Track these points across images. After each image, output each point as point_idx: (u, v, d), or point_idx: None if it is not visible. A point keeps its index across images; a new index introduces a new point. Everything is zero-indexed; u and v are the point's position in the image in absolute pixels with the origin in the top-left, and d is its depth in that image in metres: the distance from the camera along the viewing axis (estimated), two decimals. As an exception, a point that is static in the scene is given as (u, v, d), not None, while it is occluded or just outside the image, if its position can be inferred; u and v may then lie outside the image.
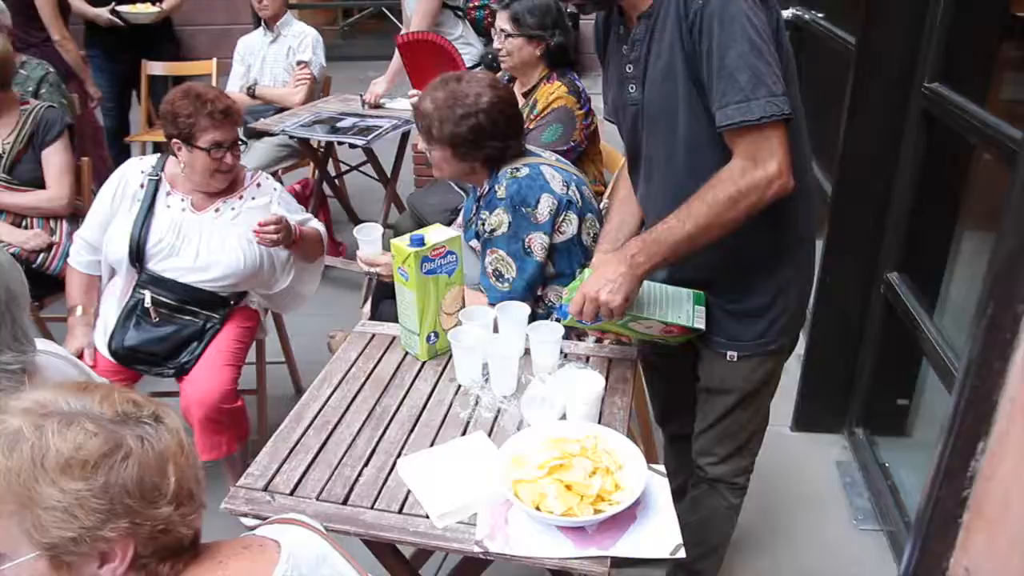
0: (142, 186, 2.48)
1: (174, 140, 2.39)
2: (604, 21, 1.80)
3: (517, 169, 2.08)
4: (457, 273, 1.88)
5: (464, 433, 1.68)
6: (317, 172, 4.10)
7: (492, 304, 2.03)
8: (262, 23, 4.29)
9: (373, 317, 2.65)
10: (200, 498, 1.01)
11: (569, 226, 2.09)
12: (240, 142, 2.48)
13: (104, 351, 2.43)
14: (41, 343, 1.46)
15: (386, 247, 2.11)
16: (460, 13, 3.71)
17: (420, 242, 1.80)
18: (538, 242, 2.05)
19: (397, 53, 3.99)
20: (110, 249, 2.44)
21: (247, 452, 2.45)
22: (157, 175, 2.49)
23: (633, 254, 1.60)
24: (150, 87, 4.82)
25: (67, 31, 4.49)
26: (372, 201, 4.55)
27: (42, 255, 2.93)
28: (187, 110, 2.34)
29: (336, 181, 4.33)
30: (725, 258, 1.68)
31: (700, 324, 1.73)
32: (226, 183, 2.48)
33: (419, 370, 1.90)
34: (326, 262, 3.84)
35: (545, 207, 2.04)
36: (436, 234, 1.85)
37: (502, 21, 2.89)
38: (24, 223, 2.97)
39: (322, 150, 4.04)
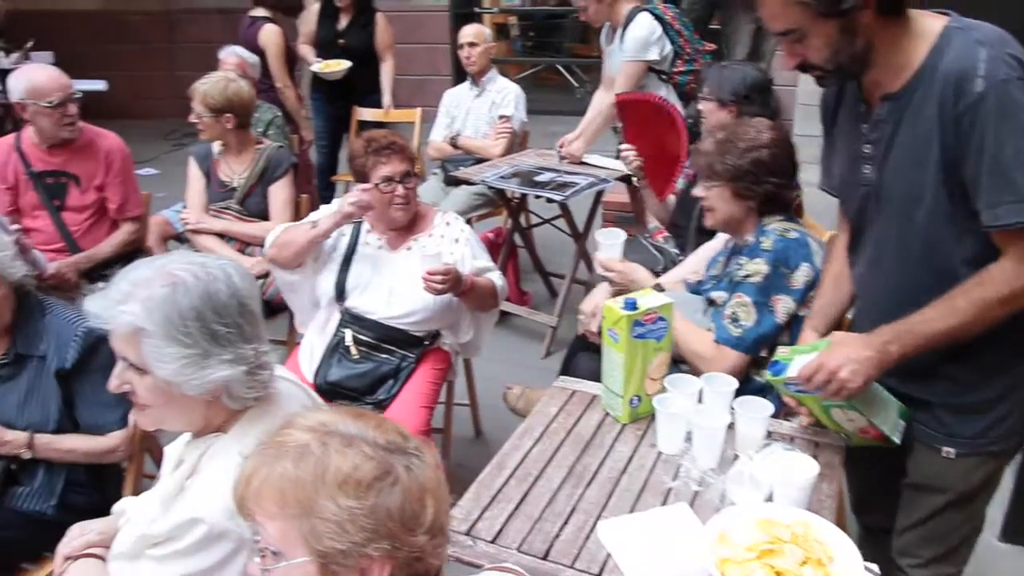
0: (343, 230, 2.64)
1: (360, 185, 2.54)
2: (837, 93, 1.77)
3: (787, 230, 2.09)
4: (666, 339, 1.88)
5: (665, 502, 1.66)
6: (510, 222, 4.22)
7: (717, 341, 2.06)
8: (468, 77, 4.49)
9: (566, 370, 2.68)
10: (448, 533, 1.05)
11: None
12: (413, 175, 2.57)
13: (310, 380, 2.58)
14: (278, 368, 1.56)
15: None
16: (664, 76, 3.75)
17: (633, 306, 1.81)
18: (783, 305, 2.05)
19: (593, 111, 4.08)
20: (320, 281, 2.61)
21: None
22: (360, 219, 2.65)
23: (886, 341, 1.56)
24: (359, 131, 5.14)
25: (290, 80, 4.89)
26: (560, 254, 4.64)
27: (261, 281, 3.16)
28: (360, 153, 2.53)
29: (527, 232, 4.44)
30: (961, 350, 1.60)
31: (897, 439, 1.69)
32: (407, 216, 2.58)
33: (619, 432, 1.90)
34: (511, 310, 3.96)
35: (803, 275, 2.05)
36: (649, 299, 1.86)
37: (705, 83, 2.94)
38: (248, 250, 3.23)
39: (516, 201, 4.16)
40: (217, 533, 1.28)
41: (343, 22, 5.07)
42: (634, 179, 3.34)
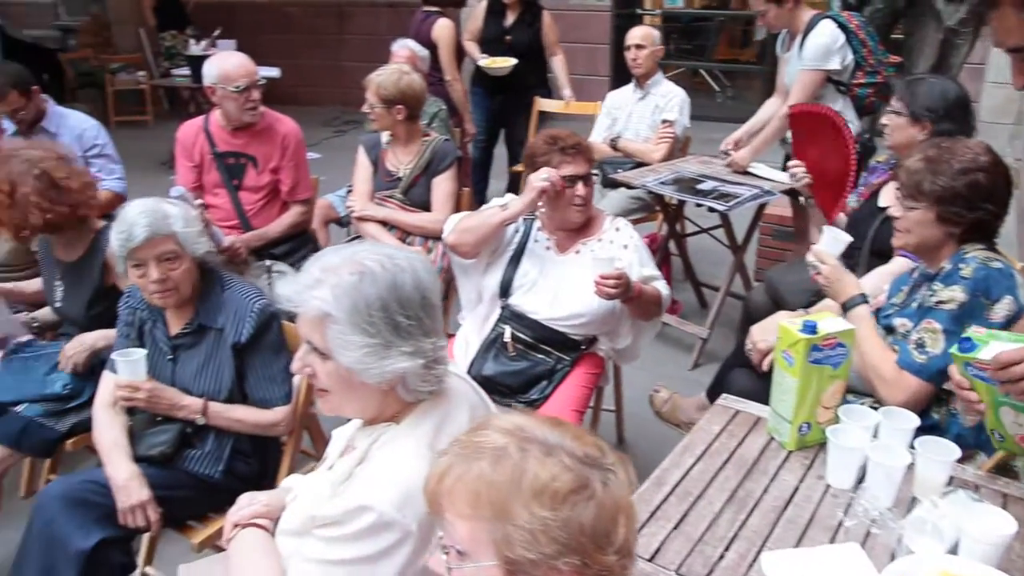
0: (516, 229, 2.65)
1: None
2: None
3: (990, 259, 1.94)
4: (843, 367, 1.77)
5: (833, 539, 1.57)
6: (666, 229, 4.13)
7: (899, 365, 1.94)
8: (632, 80, 4.43)
9: (719, 385, 2.60)
10: (635, 556, 1.02)
11: None
12: (593, 174, 2.55)
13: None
14: (451, 365, 1.57)
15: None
16: (843, 88, 3.57)
17: (812, 329, 1.72)
18: None
19: (758, 120, 3.95)
20: (487, 275, 2.62)
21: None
22: (532, 215, 2.65)
23: None
24: (539, 122, 5.22)
25: (458, 73, 4.98)
26: (713, 264, 4.52)
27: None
28: (543, 149, 2.51)
29: (682, 240, 4.34)
30: None
31: None
32: (582, 218, 2.56)
33: (785, 459, 1.81)
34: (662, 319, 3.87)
35: (1003, 309, 1.90)
36: (830, 323, 1.76)
37: (895, 97, 2.76)
38: (408, 240, 3.30)
39: (674, 208, 4.07)
40: (384, 522, 1.29)
41: (510, 19, 5.13)
42: (801, 197, 3.19)
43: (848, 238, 2.26)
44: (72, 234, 2.48)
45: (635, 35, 4.34)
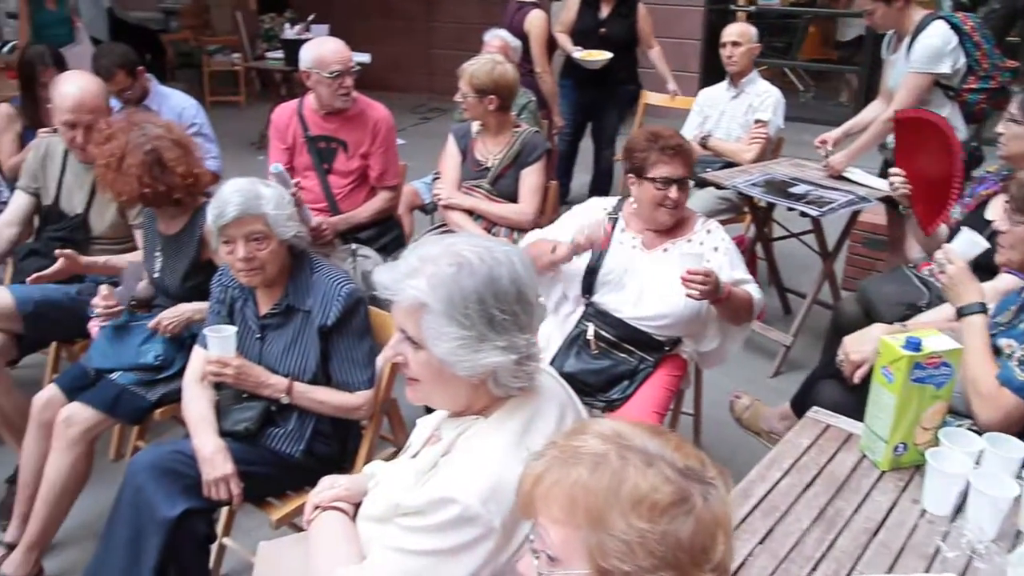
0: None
1: (629, 175, 2.51)
2: None
3: None
4: (947, 387, 1.69)
5: (928, 568, 1.50)
6: (753, 231, 4.03)
7: (1000, 380, 1.84)
8: (727, 77, 4.33)
9: (805, 396, 2.52)
10: (731, 573, 0.98)
11: None
12: (690, 180, 2.50)
13: None
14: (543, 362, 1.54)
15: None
16: (952, 93, 3.42)
17: (916, 347, 1.64)
18: None
19: (857, 123, 3.81)
20: (570, 272, 2.59)
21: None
22: (616, 214, 2.61)
23: None
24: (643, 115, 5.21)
25: (549, 66, 4.95)
26: (801, 270, 4.40)
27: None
28: (642, 145, 2.46)
29: (768, 244, 4.23)
30: None
31: None
32: (671, 220, 2.51)
33: (877, 479, 1.73)
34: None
35: None
36: (935, 341, 1.68)
37: (1014, 104, 2.62)
38: (493, 230, 3.29)
39: (762, 211, 3.97)
40: (469, 516, 1.28)
41: (604, 11, 5.08)
42: (900, 207, 3.07)
43: (985, 244, 2.14)
44: (174, 209, 2.56)
45: (731, 32, 4.25)
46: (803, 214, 3.45)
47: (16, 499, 2.54)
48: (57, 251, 2.69)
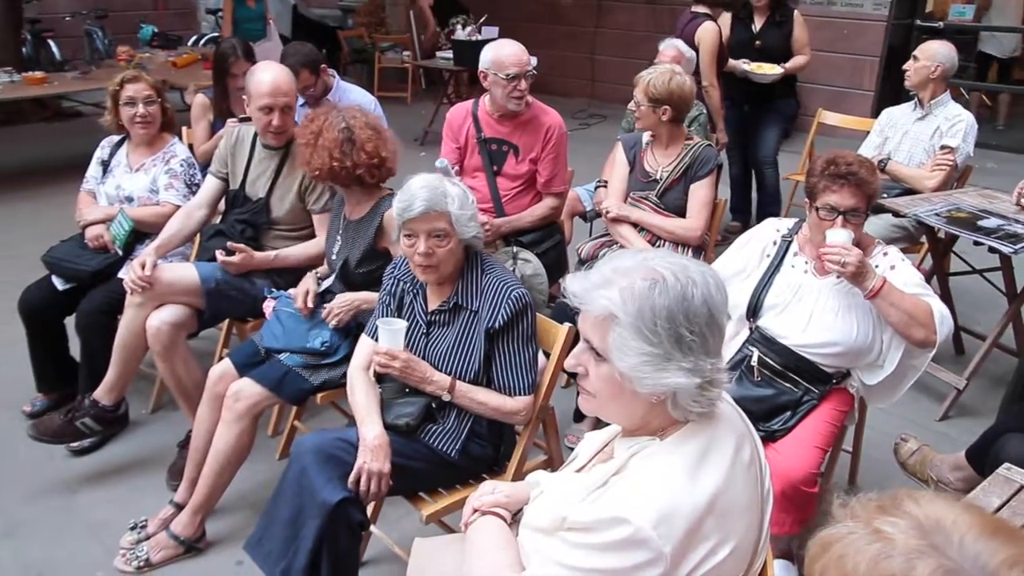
0: (774, 243, 2.54)
1: (805, 199, 2.43)
2: None
3: None
4: None
5: None
6: (930, 263, 3.79)
7: None
8: (914, 98, 4.09)
9: (985, 449, 2.35)
10: None
11: None
12: (863, 213, 2.36)
13: None
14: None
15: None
16: None
17: None
18: None
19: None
20: (734, 294, 2.51)
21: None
22: (791, 237, 2.52)
23: None
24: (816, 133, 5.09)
25: (717, 81, 4.83)
26: (976, 308, 4.13)
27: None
28: (816, 170, 2.38)
29: (945, 279, 3.97)
30: None
31: None
32: None
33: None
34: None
35: None
36: None
37: None
38: (656, 244, 3.23)
39: (943, 243, 3.73)
40: (638, 539, 1.25)
41: (758, 24, 4.95)
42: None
43: None
44: (360, 193, 2.67)
45: (921, 46, 4.07)
46: (992, 250, 3.21)
47: (187, 464, 2.71)
48: (230, 243, 2.89)
